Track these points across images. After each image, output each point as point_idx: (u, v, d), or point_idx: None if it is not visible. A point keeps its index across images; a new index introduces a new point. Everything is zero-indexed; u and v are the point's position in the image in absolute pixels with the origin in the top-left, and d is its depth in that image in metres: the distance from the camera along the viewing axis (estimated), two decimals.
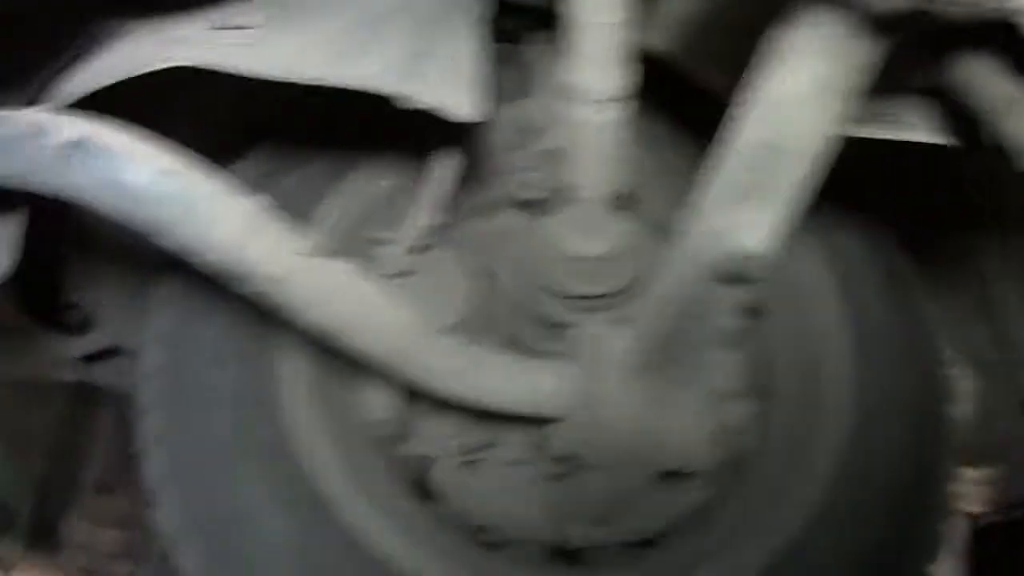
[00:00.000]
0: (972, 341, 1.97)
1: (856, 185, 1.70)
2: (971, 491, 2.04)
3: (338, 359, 1.61)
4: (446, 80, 1.17)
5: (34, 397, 5.37)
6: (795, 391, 1.70)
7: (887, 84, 1.01)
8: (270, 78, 1.10)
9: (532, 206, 1.69)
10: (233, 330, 1.56)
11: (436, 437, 1.72)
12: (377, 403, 1.62)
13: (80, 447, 5.58)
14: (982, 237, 1.82)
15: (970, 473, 2.04)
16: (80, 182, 0.92)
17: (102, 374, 2.10)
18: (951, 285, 1.94)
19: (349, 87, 1.12)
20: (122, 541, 5.49)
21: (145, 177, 0.93)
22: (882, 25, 0.77)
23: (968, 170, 1.73)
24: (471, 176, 1.63)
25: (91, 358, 2.00)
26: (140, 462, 1.55)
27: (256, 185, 1.57)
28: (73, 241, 1.72)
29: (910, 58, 0.92)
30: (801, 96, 0.85)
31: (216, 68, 1.09)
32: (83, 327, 1.91)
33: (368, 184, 1.71)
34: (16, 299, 1.22)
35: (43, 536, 5.32)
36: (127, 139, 0.95)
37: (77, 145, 0.92)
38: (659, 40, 1.25)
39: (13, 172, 0.93)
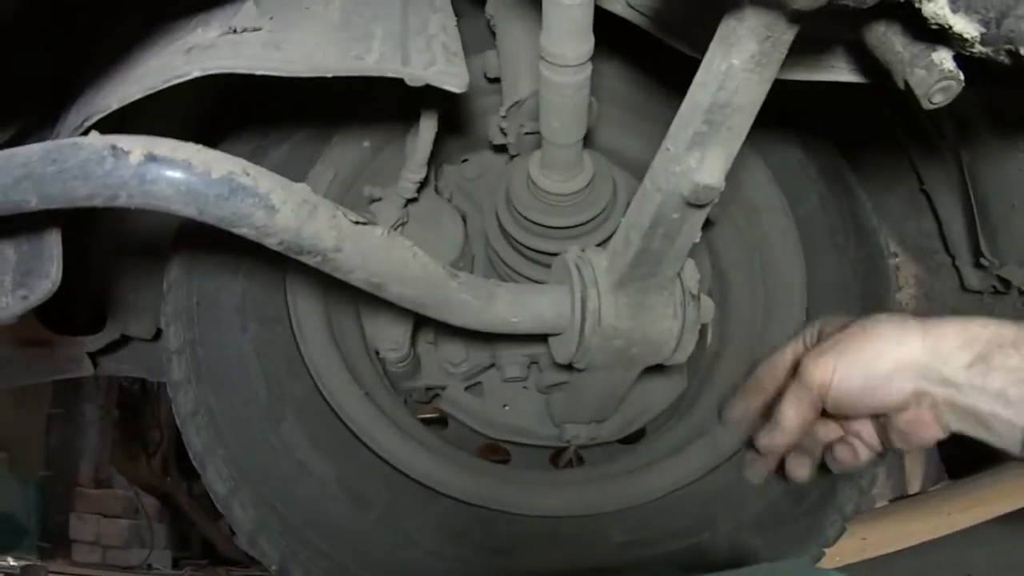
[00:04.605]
0: (913, 233, 2.26)
1: (799, 104, 1.98)
2: None
3: (347, 313, 1.88)
4: (439, 56, 1.39)
5: (21, 400, 5.54)
6: (750, 292, 2.01)
7: (818, 38, 1.29)
8: (301, 76, 1.29)
9: (504, 149, 1.95)
10: (248, 296, 1.79)
11: (442, 367, 2.01)
12: (391, 347, 1.87)
13: (72, 445, 5.79)
14: (921, 146, 2.05)
15: None
16: (161, 193, 1.11)
17: (112, 365, 2.30)
18: (892, 184, 2.20)
19: (365, 74, 1.33)
20: (129, 530, 5.76)
21: (219, 181, 1.13)
22: (798, 15, 1.06)
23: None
24: (444, 123, 1.82)
25: (102, 351, 2.21)
26: (182, 435, 1.79)
27: (250, 158, 1.82)
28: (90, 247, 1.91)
29: (835, 22, 1.20)
30: (741, 68, 1.14)
31: (250, 72, 1.27)
32: (95, 324, 2.12)
33: (352, 146, 1.94)
34: (37, 311, 1.40)
35: (54, 539, 5.55)
36: (193, 149, 1.15)
37: (153, 161, 1.10)
38: (627, 11, 1.49)
39: (96, 192, 1.10)
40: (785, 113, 1.91)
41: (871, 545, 2.62)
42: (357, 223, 1.27)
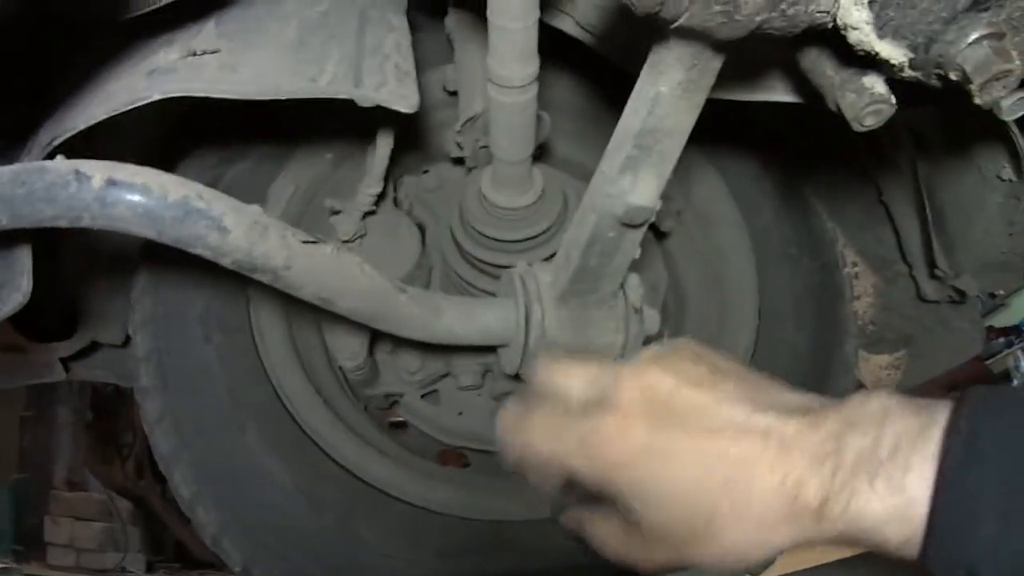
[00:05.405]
0: (871, 243, 2.31)
1: (751, 121, 2.05)
2: (882, 375, 2.41)
3: (308, 323, 1.96)
4: (390, 77, 1.47)
5: None
6: (705, 302, 2.10)
7: (754, 60, 1.37)
8: (256, 98, 1.37)
9: (461, 162, 2.04)
10: (212, 306, 1.88)
11: (399, 376, 2.09)
12: (348, 356, 1.94)
13: (45, 447, 5.83)
14: (879, 158, 2.10)
15: (879, 359, 2.44)
16: (121, 216, 1.19)
17: (84, 370, 2.35)
18: (851, 195, 2.25)
19: (318, 96, 1.41)
20: (103, 533, 5.80)
21: (175, 204, 1.21)
22: (723, 45, 1.14)
23: None
24: (404, 136, 1.91)
25: (73, 357, 2.26)
26: (149, 440, 1.86)
27: (214, 171, 1.89)
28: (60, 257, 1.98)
29: (766, 47, 1.27)
30: (669, 95, 1.22)
31: (206, 95, 1.35)
32: (66, 330, 2.18)
33: (314, 159, 2.02)
34: (11, 318, 1.46)
35: (28, 542, 5.57)
36: (151, 173, 1.22)
37: (113, 185, 1.18)
38: (576, 30, 1.58)
39: (61, 214, 1.18)
40: (743, 126, 2.00)
41: (829, 551, 2.67)
42: (306, 242, 1.35)
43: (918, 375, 2.39)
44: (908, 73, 1.07)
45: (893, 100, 1.11)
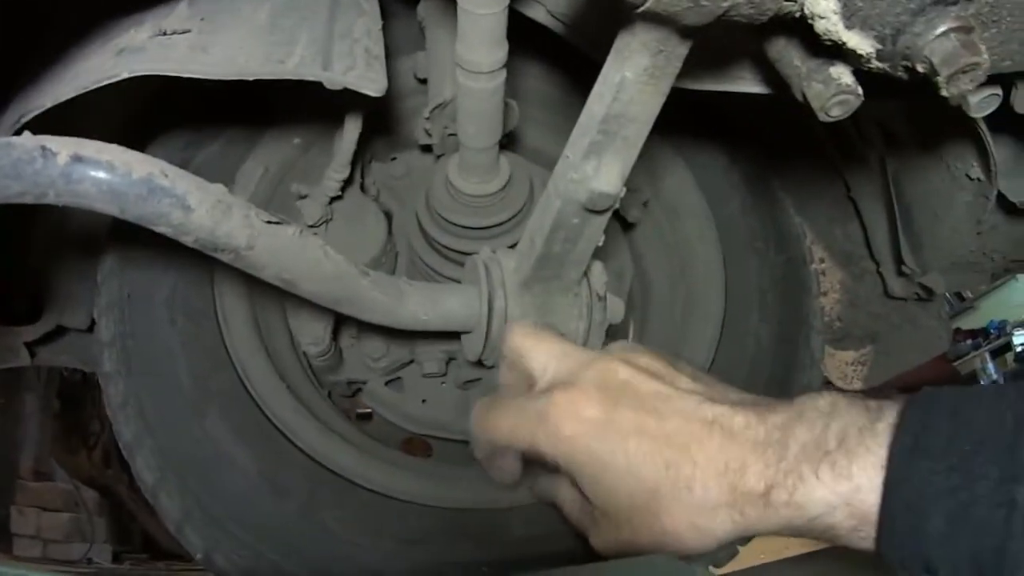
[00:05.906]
0: (839, 239, 2.34)
1: (720, 114, 2.06)
2: (848, 371, 2.44)
3: (273, 309, 1.96)
4: (359, 60, 1.47)
5: None
6: (670, 292, 2.10)
7: (723, 50, 1.37)
8: (224, 78, 1.37)
9: (429, 150, 2.04)
10: (177, 290, 1.86)
11: (364, 362, 2.09)
12: (311, 341, 1.95)
13: (11, 436, 5.80)
14: (848, 154, 2.14)
15: (845, 355, 2.45)
16: (86, 192, 1.19)
17: (49, 355, 2.35)
18: (819, 190, 2.29)
19: (287, 78, 1.41)
20: (70, 523, 5.77)
21: (139, 182, 1.21)
22: (689, 31, 1.15)
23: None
24: (374, 122, 1.94)
25: (39, 341, 2.26)
26: (113, 425, 1.84)
27: (184, 154, 1.88)
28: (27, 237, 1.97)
29: (733, 35, 1.27)
30: (634, 80, 1.23)
31: (175, 74, 1.35)
32: (32, 314, 2.17)
33: (283, 143, 2.02)
34: None
35: None
36: (116, 151, 1.22)
37: (79, 161, 1.18)
38: (548, 19, 1.59)
39: (27, 190, 1.17)
40: (711, 118, 2.01)
41: (796, 543, 2.69)
42: (269, 222, 1.35)
43: (884, 372, 2.42)
44: (875, 64, 1.08)
45: (860, 91, 1.12)
